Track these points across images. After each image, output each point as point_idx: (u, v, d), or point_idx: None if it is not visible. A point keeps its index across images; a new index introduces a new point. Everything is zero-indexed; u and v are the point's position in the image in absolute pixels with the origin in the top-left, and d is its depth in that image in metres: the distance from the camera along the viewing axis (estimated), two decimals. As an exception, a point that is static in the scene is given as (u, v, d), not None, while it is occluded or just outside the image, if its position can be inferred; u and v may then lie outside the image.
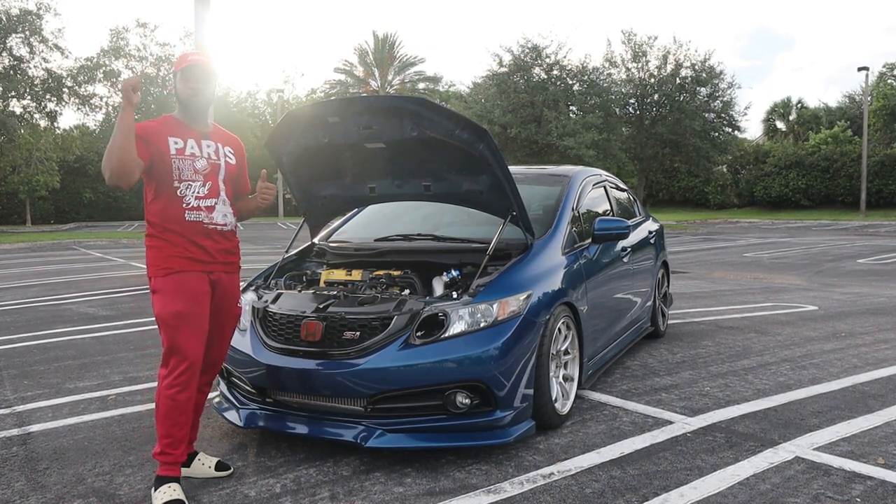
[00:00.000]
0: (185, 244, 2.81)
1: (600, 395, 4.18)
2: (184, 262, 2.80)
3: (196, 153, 2.86)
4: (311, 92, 47.62)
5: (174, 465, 2.80)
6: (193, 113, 2.90)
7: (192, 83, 2.85)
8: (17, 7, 26.67)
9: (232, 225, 2.97)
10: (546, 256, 3.76)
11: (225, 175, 2.95)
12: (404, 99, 3.43)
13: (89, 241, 21.67)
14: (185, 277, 2.79)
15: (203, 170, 2.86)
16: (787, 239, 19.64)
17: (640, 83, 31.60)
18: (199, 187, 2.84)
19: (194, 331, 2.78)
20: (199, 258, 2.84)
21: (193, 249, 2.82)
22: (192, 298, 2.78)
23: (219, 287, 2.92)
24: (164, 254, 2.80)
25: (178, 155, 2.81)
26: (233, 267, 2.99)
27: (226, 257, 2.93)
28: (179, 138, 2.84)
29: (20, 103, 27.92)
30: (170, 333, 2.76)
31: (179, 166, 2.80)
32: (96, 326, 6.74)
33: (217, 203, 2.89)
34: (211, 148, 2.92)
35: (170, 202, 2.81)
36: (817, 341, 5.73)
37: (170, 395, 2.75)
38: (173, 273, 2.79)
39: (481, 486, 2.89)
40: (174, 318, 2.75)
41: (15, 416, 3.95)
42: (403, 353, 3.12)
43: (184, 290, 2.78)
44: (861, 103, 40.46)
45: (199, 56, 2.91)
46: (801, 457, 3.18)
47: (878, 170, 34.67)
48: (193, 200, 2.82)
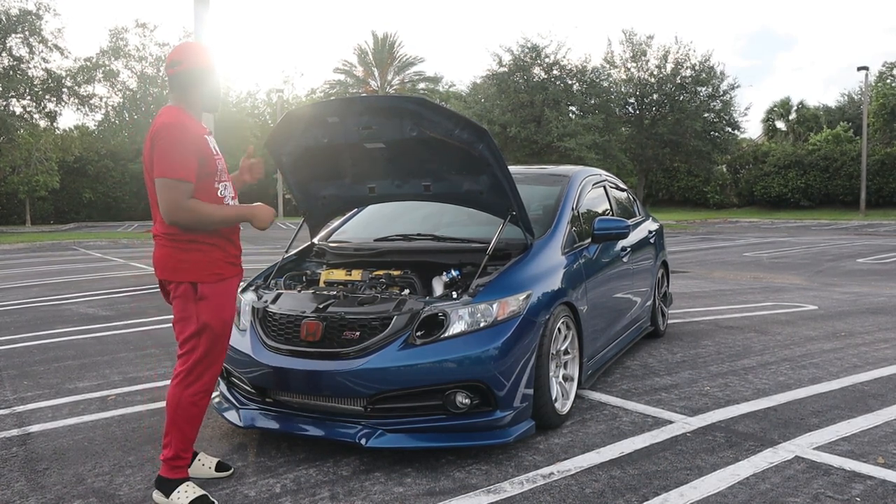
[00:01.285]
0: (230, 248, 2.77)
1: (600, 394, 4.18)
2: (230, 268, 2.77)
3: (217, 152, 2.80)
4: (311, 92, 47.63)
5: (184, 467, 2.79)
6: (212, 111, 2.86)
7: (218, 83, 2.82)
8: (17, 7, 26.69)
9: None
10: (546, 256, 3.76)
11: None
12: (404, 99, 3.43)
13: (89, 241, 21.67)
14: (233, 284, 2.77)
15: (224, 168, 2.83)
16: (787, 238, 19.64)
17: (639, 83, 31.60)
18: (229, 187, 2.81)
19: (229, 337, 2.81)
20: (237, 262, 2.82)
21: (234, 252, 2.80)
22: (234, 305, 2.79)
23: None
24: (212, 258, 2.70)
25: (216, 155, 2.75)
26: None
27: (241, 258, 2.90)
28: (208, 136, 2.77)
29: (20, 103, 27.92)
30: (214, 341, 2.71)
31: (221, 167, 2.77)
32: (96, 327, 6.74)
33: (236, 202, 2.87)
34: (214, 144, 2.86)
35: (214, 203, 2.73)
36: (817, 341, 5.73)
37: (195, 401, 2.73)
38: (224, 279, 2.72)
39: (481, 486, 2.89)
40: (224, 326, 2.72)
41: (15, 416, 3.95)
42: (403, 353, 3.12)
43: (232, 296, 2.76)
44: (861, 103, 40.46)
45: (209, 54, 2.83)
46: (801, 456, 3.18)
47: (878, 169, 34.67)
48: (230, 200, 2.80)
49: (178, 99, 2.75)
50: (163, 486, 2.76)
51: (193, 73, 2.74)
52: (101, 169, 36.86)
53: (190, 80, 2.73)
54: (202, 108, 2.81)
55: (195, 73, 2.74)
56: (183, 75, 2.72)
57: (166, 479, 2.76)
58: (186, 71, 2.73)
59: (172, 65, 2.75)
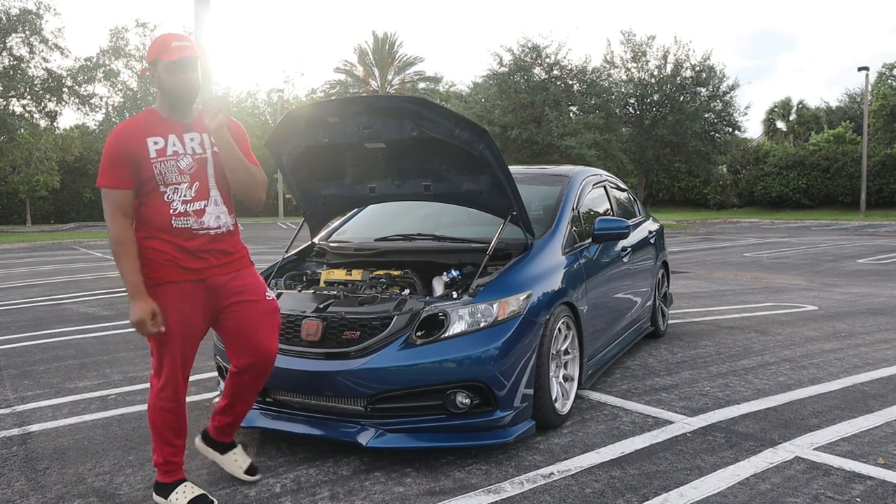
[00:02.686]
0: (172, 251, 2.60)
1: (600, 394, 4.18)
2: (172, 272, 2.61)
3: (179, 150, 2.62)
4: (311, 92, 47.62)
5: (174, 471, 2.76)
6: (182, 104, 2.66)
7: (185, 74, 2.60)
8: (17, 7, 26.67)
9: (227, 226, 2.72)
10: (546, 256, 3.76)
11: (215, 169, 2.69)
12: (404, 99, 3.43)
13: (89, 240, 21.67)
14: (172, 289, 2.61)
15: (189, 168, 2.62)
16: (787, 239, 19.64)
17: (639, 83, 31.60)
18: (185, 190, 2.61)
19: (180, 344, 2.65)
20: (189, 266, 2.62)
21: (181, 256, 2.61)
22: (180, 310, 2.61)
23: (221, 291, 2.70)
24: (150, 263, 2.60)
25: (159, 157, 2.58)
26: (232, 266, 2.73)
27: (221, 258, 2.69)
28: (160, 137, 2.61)
29: (20, 103, 27.90)
30: (158, 347, 2.65)
31: (162, 170, 2.58)
32: (96, 326, 6.74)
33: (207, 205, 2.65)
34: (195, 141, 2.67)
35: (155, 209, 2.60)
36: (817, 341, 5.73)
37: (162, 405, 2.68)
38: (161, 284, 2.60)
39: (481, 486, 2.89)
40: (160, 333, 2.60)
41: (15, 415, 3.95)
42: (403, 352, 3.12)
43: (170, 301, 2.60)
44: (861, 103, 40.46)
45: (186, 42, 2.62)
46: (801, 457, 3.18)
47: (879, 170, 34.67)
48: (181, 205, 2.60)
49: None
50: (160, 490, 2.76)
51: (152, 70, 2.65)
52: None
53: (154, 79, 2.68)
54: (171, 104, 2.66)
55: (153, 70, 2.66)
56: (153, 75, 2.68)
57: (162, 483, 2.75)
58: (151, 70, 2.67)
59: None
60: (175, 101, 2.65)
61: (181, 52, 2.58)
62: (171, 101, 2.66)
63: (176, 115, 2.68)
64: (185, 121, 2.69)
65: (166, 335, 2.62)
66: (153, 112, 2.69)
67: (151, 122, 2.65)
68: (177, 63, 2.58)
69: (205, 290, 2.68)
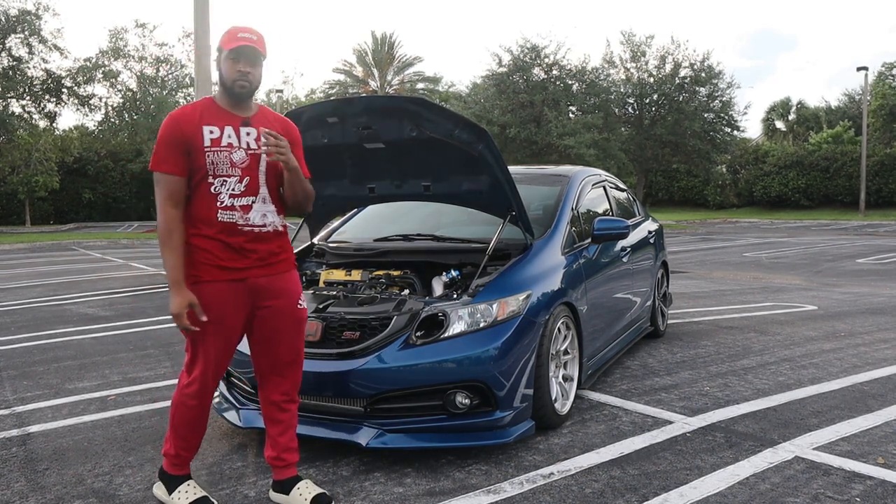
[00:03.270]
0: (217, 249, 2.56)
1: (600, 395, 4.18)
2: (213, 271, 2.56)
3: (234, 143, 2.58)
4: (311, 92, 47.59)
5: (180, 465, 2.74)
6: (238, 97, 2.62)
7: (241, 66, 2.56)
8: (16, 7, 26.65)
9: (274, 226, 2.66)
10: (545, 256, 3.76)
11: (267, 167, 2.64)
12: (404, 99, 3.43)
13: (89, 241, 21.66)
14: (212, 288, 2.56)
15: (241, 162, 2.58)
16: (787, 239, 19.64)
17: (638, 83, 31.61)
18: (235, 183, 2.57)
19: (216, 343, 2.59)
20: (231, 265, 2.58)
21: (224, 254, 2.56)
22: (218, 310, 2.56)
23: (260, 293, 2.64)
24: (193, 260, 2.56)
25: (212, 147, 2.54)
26: (276, 268, 2.68)
27: (265, 259, 2.64)
28: (216, 126, 2.57)
29: (19, 103, 27.88)
30: (193, 344, 2.61)
31: (214, 160, 2.54)
32: (96, 327, 6.74)
33: (255, 202, 2.60)
34: (251, 136, 2.62)
35: (202, 201, 2.56)
36: (817, 341, 5.73)
37: (184, 401, 2.64)
38: (200, 283, 2.56)
39: (481, 486, 2.89)
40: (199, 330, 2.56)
41: (15, 416, 3.95)
42: (403, 353, 3.12)
43: (209, 301, 2.55)
44: (861, 103, 40.48)
45: (251, 34, 2.59)
46: (801, 456, 3.18)
47: (878, 169, 34.68)
48: (228, 199, 2.56)
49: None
50: (162, 477, 2.76)
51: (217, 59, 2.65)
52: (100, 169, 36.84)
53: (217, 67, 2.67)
54: (229, 96, 2.63)
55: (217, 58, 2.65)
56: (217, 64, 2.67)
57: (165, 472, 2.75)
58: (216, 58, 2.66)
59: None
60: (232, 92, 2.61)
61: (241, 41, 2.55)
62: (228, 92, 2.62)
63: (234, 107, 2.64)
64: (244, 115, 2.65)
65: (200, 334, 2.58)
66: (212, 102, 2.66)
67: (209, 110, 2.62)
68: (235, 51, 2.56)
69: (244, 291, 2.61)
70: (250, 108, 2.68)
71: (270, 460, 2.80)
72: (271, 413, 2.79)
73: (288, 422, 2.80)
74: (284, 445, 2.79)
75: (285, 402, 2.79)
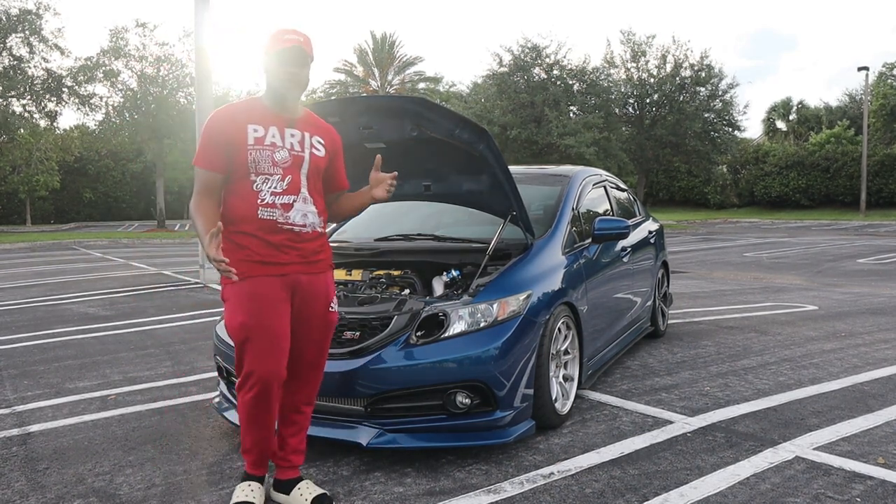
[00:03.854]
0: (257, 245, 2.55)
1: (600, 394, 4.18)
2: (254, 267, 2.54)
3: (277, 143, 2.59)
4: (311, 92, 47.56)
5: (258, 466, 2.71)
6: (284, 98, 2.63)
7: (291, 67, 2.57)
8: (17, 7, 26.66)
9: (314, 227, 2.65)
10: (546, 256, 3.76)
11: (310, 169, 2.64)
12: (404, 99, 3.43)
13: (89, 241, 21.67)
14: (254, 284, 2.53)
15: (283, 162, 2.57)
16: (787, 239, 19.64)
17: (639, 83, 31.61)
18: (276, 182, 2.56)
19: (265, 343, 2.53)
20: (272, 260, 2.56)
21: (265, 251, 2.55)
22: (261, 308, 2.53)
23: (300, 290, 2.63)
24: (232, 258, 2.52)
25: (255, 145, 2.55)
26: (316, 266, 2.68)
27: (307, 257, 2.64)
28: (260, 125, 2.58)
29: (20, 103, 27.90)
30: (238, 345, 2.55)
31: (256, 158, 2.54)
32: (96, 326, 6.74)
33: (296, 201, 2.59)
34: (295, 137, 2.63)
35: (243, 197, 2.56)
36: (817, 341, 5.73)
37: (246, 406, 2.58)
38: (242, 279, 2.52)
39: (481, 486, 2.89)
40: (240, 330, 2.52)
41: (15, 415, 3.95)
42: (403, 353, 3.12)
43: (252, 299, 2.52)
44: (861, 103, 40.46)
45: (298, 36, 2.59)
46: (802, 456, 3.18)
47: (879, 169, 34.68)
48: (269, 196, 2.55)
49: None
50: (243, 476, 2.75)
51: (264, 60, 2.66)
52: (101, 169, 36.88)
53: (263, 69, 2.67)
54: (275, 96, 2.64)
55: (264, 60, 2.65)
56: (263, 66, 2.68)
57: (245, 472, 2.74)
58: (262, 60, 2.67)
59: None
60: (278, 93, 2.62)
61: (289, 42, 2.56)
62: (275, 92, 2.62)
63: (279, 108, 2.65)
64: (290, 115, 2.66)
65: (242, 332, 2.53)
66: (258, 101, 2.67)
67: (255, 109, 2.63)
68: (283, 53, 2.56)
69: (286, 286, 2.59)
70: (297, 110, 2.69)
71: (276, 459, 2.79)
72: (287, 414, 2.78)
73: (301, 424, 2.81)
74: (294, 447, 2.79)
75: (304, 405, 2.80)
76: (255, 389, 2.55)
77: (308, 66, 2.63)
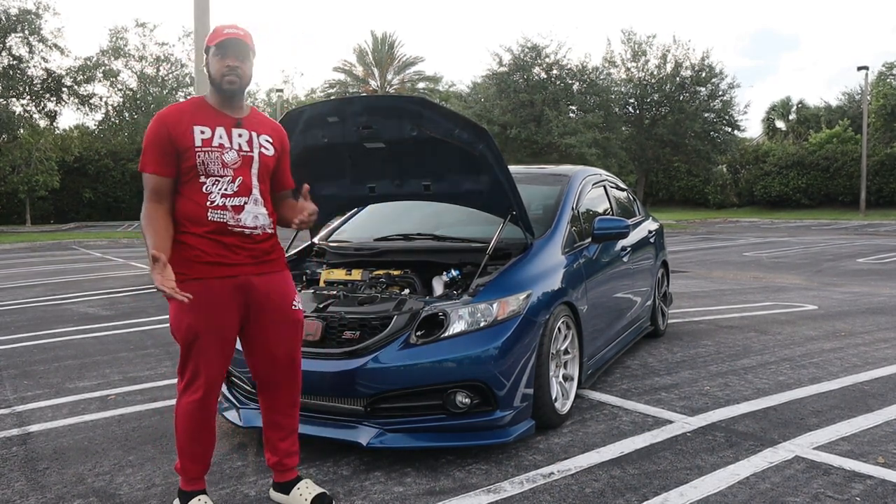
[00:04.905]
0: (207, 246, 2.51)
1: (600, 394, 4.18)
2: (202, 268, 2.51)
3: (225, 144, 2.54)
4: (311, 91, 47.61)
5: (197, 479, 2.63)
6: (227, 95, 2.57)
7: (231, 60, 2.52)
8: (17, 6, 26.69)
9: (265, 228, 2.62)
10: (546, 256, 3.76)
11: (259, 169, 2.60)
12: (404, 99, 3.43)
13: (89, 241, 21.67)
14: (202, 286, 2.49)
15: (233, 163, 2.54)
16: (787, 238, 19.64)
17: (639, 83, 31.61)
18: (227, 183, 2.52)
19: (211, 345, 2.51)
20: (222, 261, 2.53)
21: (215, 251, 2.52)
22: (208, 309, 2.50)
23: (253, 292, 2.59)
24: (181, 257, 2.50)
25: (203, 147, 2.50)
26: (268, 266, 2.64)
27: (258, 258, 2.61)
28: (207, 126, 2.53)
29: (19, 103, 27.92)
30: (183, 347, 2.52)
31: (205, 160, 2.49)
32: (96, 326, 6.74)
33: (247, 202, 2.56)
34: (243, 137, 2.58)
35: (193, 200, 2.51)
36: (817, 340, 5.73)
37: (187, 411, 2.54)
38: (188, 280, 2.48)
39: (481, 486, 2.89)
40: (186, 331, 2.50)
41: (15, 415, 3.95)
42: (403, 352, 3.12)
43: (198, 299, 2.46)
44: (861, 102, 40.46)
45: (238, 30, 2.55)
46: (801, 456, 3.18)
47: (878, 169, 34.66)
48: (219, 199, 2.52)
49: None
50: (179, 496, 2.65)
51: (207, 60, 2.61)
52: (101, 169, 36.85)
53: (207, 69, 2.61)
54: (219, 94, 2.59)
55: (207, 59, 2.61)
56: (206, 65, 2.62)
57: (180, 489, 2.65)
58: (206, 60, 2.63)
59: None
60: (221, 89, 2.56)
61: (227, 35, 2.52)
62: (218, 89, 2.57)
63: (226, 107, 2.60)
64: (236, 115, 2.61)
65: (187, 333, 2.50)
66: (203, 101, 2.61)
67: (200, 110, 2.57)
68: (221, 45, 2.52)
69: (236, 289, 2.56)
70: (242, 108, 2.64)
71: (272, 465, 2.77)
72: (273, 418, 2.74)
73: (290, 427, 2.76)
74: (286, 451, 2.76)
75: (289, 408, 2.75)
76: (201, 392, 2.53)
77: (249, 59, 2.58)
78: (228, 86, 2.55)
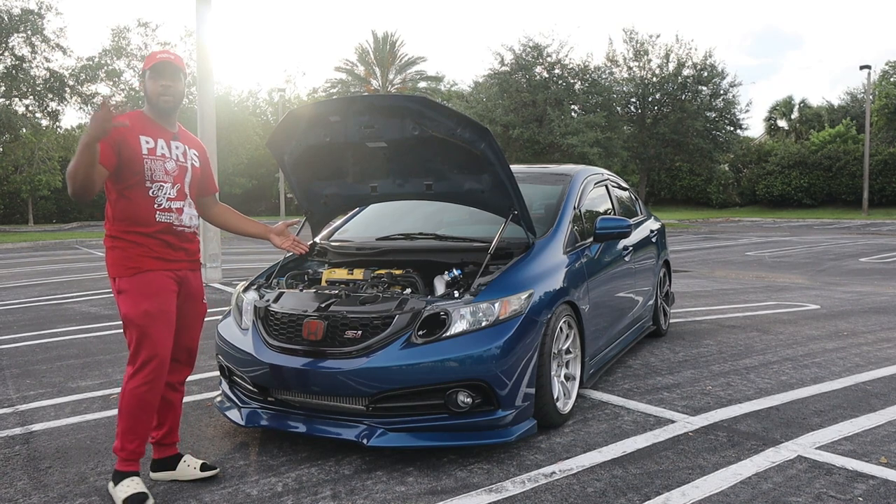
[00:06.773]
0: (153, 244, 2.83)
1: (602, 394, 4.18)
2: (151, 262, 2.83)
3: (166, 154, 2.89)
4: (313, 91, 47.64)
5: (134, 461, 2.82)
6: (163, 112, 2.91)
7: (163, 80, 2.85)
8: (19, 7, 26.71)
9: (194, 229, 3.03)
10: (548, 255, 3.76)
11: (191, 179, 2.99)
12: (406, 98, 3.43)
13: (91, 240, 21.69)
14: (153, 276, 2.82)
15: (172, 172, 2.89)
16: (789, 238, 19.62)
17: (641, 82, 31.58)
18: (169, 189, 2.88)
19: (164, 328, 2.81)
20: (167, 257, 2.87)
21: (161, 249, 2.85)
22: (160, 297, 2.81)
23: (185, 285, 2.96)
24: (129, 254, 2.81)
25: (149, 155, 2.82)
26: (196, 264, 3.06)
27: (191, 255, 3.00)
28: (150, 137, 2.85)
29: (22, 103, 27.95)
30: (139, 332, 2.76)
31: (151, 167, 2.82)
32: (98, 326, 6.75)
33: (185, 206, 2.95)
34: (179, 150, 2.95)
35: (139, 202, 2.81)
36: (819, 340, 5.73)
37: (138, 393, 2.76)
38: (141, 272, 2.80)
39: (483, 485, 2.89)
40: (143, 317, 2.76)
41: (17, 415, 3.96)
42: (405, 352, 3.11)
43: (152, 288, 2.80)
44: (864, 101, 40.39)
45: (168, 53, 2.90)
46: (804, 456, 3.18)
47: (881, 168, 34.62)
48: (165, 202, 2.86)
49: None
50: (114, 477, 2.82)
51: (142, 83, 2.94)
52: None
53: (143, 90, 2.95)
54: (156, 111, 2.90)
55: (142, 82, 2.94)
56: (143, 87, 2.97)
57: (115, 470, 2.82)
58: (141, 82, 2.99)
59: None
60: (157, 106, 2.88)
61: (161, 58, 2.85)
62: (154, 106, 2.89)
63: (163, 121, 2.93)
64: (172, 130, 2.96)
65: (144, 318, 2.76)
66: (143, 114, 2.92)
67: (143, 122, 2.88)
68: (156, 68, 2.84)
69: (176, 281, 2.91)
70: (174, 124, 2.98)
71: (162, 438, 3.02)
72: (168, 394, 3.01)
73: (178, 401, 3.09)
74: (173, 425, 3.06)
75: (179, 384, 3.08)
76: (154, 373, 2.78)
77: (181, 80, 2.90)
78: (164, 104, 2.89)
